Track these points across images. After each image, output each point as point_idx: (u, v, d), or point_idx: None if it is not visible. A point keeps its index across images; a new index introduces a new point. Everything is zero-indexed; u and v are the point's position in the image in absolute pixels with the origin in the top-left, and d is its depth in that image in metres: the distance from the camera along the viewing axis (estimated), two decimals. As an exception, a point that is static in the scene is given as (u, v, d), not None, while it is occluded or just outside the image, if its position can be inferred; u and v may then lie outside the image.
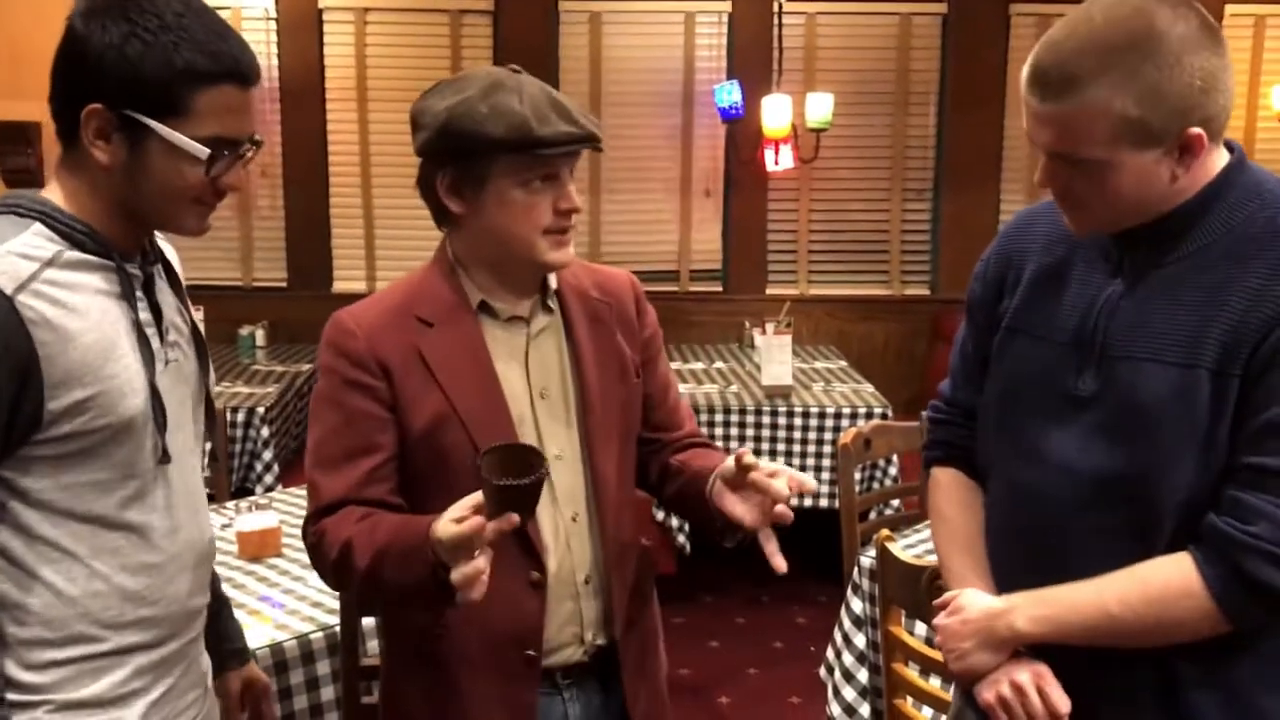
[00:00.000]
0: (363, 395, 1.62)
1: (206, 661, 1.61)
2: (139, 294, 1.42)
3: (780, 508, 1.54)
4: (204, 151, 1.35)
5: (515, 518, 1.39)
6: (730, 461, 1.59)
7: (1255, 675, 1.42)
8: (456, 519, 1.42)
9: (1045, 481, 1.49)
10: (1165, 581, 1.38)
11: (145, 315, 1.42)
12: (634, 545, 1.78)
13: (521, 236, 1.64)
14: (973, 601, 1.53)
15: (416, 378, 1.63)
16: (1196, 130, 1.34)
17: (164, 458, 1.41)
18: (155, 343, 1.42)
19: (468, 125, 1.58)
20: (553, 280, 1.74)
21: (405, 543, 1.50)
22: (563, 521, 1.69)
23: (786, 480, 1.54)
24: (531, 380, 1.70)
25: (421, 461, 1.64)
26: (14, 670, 1.34)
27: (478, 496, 1.42)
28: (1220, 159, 1.42)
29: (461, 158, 1.61)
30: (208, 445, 1.60)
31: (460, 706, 1.67)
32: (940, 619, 1.56)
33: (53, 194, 1.39)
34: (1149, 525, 1.41)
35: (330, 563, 1.60)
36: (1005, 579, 1.56)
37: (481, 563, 1.41)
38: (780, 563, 1.54)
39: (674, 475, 1.78)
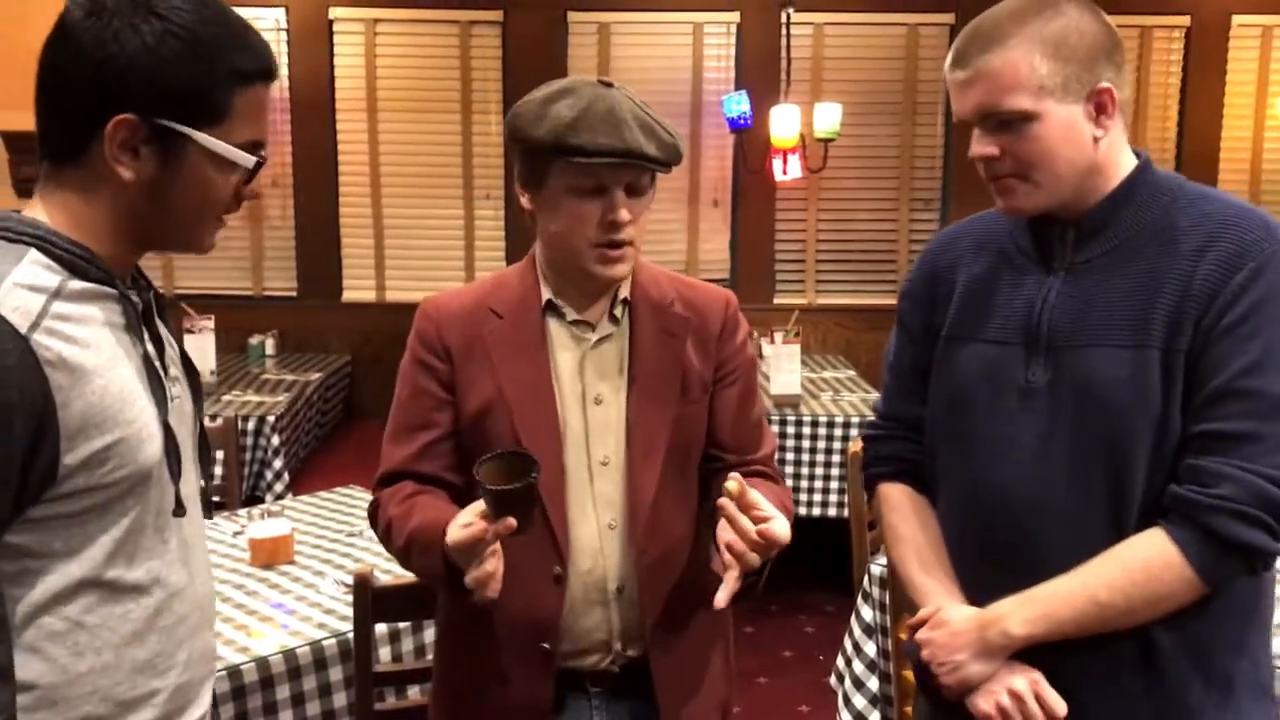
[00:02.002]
0: (427, 375, 1.73)
1: None
2: (141, 324, 1.27)
3: (729, 558, 1.51)
4: (249, 160, 1.24)
5: (513, 522, 1.44)
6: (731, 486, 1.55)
7: (1214, 634, 1.48)
8: (464, 524, 1.49)
9: (1009, 476, 1.52)
10: (1145, 559, 1.42)
11: (151, 348, 1.27)
12: (679, 561, 1.75)
13: (572, 245, 1.67)
14: (957, 613, 1.54)
15: (476, 364, 1.71)
16: (1106, 84, 1.46)
17: (178, 509, 1.27)
18: (162, 378, 1.28)
19: (520, 123, 1.64)
20: (624, 290, 1.75)
21: (428, 536, 1.58)
22: (599, 527, 1.70)
23: (756, 533, 1.50)
24: (586, 386, 1.72)
25: (470, 444, 1.71)
26: None
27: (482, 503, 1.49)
28: (1130, 161, 1.53)
29: (524, 155, 1.67)
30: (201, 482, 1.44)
31: (488, 683, 1.74)
32: (924, 634, 1.56)
33: (38, 214, 1.23)
34: (1117, 505, 1.46)
35: (380, 536, 1.75)
36: (972, 584, 1.58)
37: (490, 565, 1.48)
38: (720, 599, 1.51)
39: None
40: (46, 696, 1.19)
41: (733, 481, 1.51)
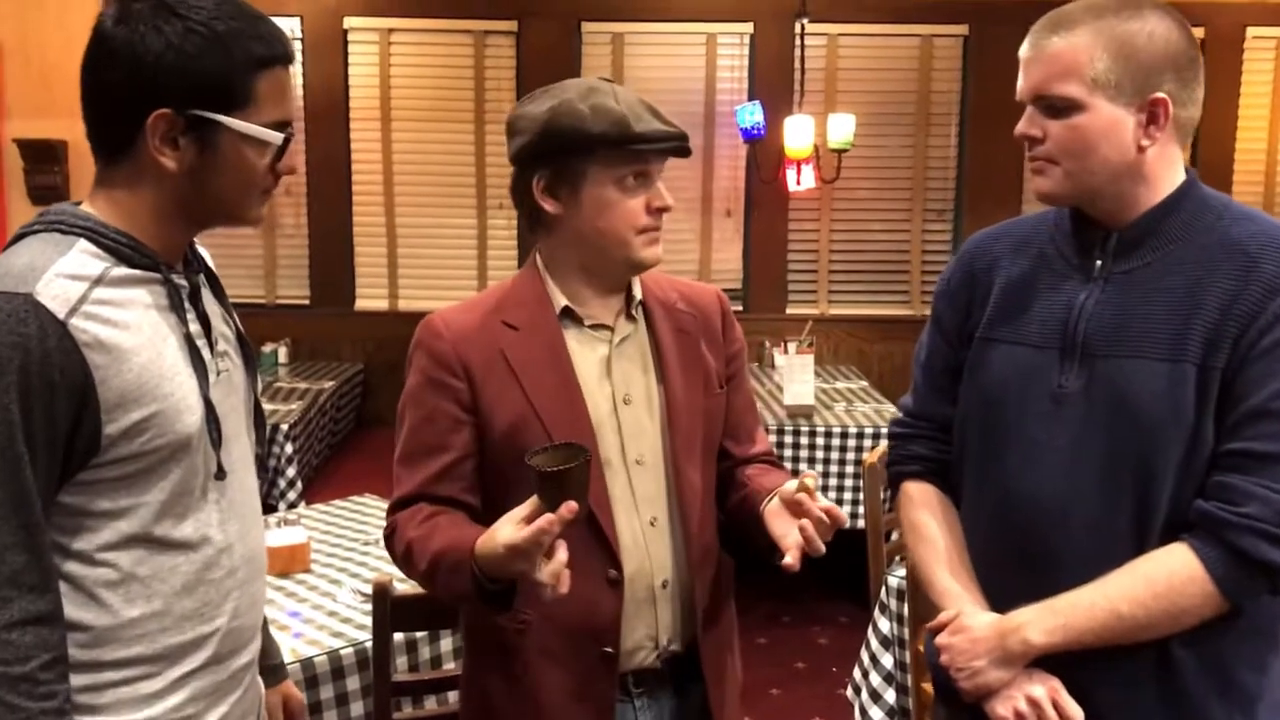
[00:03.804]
0: (443, 395, 1.69)
1: (260, 688, 1.58)
2: (187, 305, 1.38)
3: (812, 540, 1.56)
4: (278, 137, 1.34)
5: (575, 505, 1.42)
6: (793, 483, 1.60)
7: (1236, 652, 1.48)
8: (520, 521, 1.45)
9: (1036, 481, 1.52)
10: (1169, 573, 1.43)
11: (195, 327, 1.38)
12: (715, 552, 1.79)
13: (618, 235, 1.69)
14: (978, 619, 1.54)
15: (499, 379, 1.69)
16: (1162, 95, 1.46)
17: (220, 473, 1.39)
18: (206, 354, 1.38)
19: (570, 123, 1.65)
20: (637, 291, 1.77)
21: (456, 555, 1.56)
22: (641, 525, 1.70)
23: (827, 523, 1.55)
24: (614, 386, 1.72)
25: (502, 460, 1.69)
26: (74, 694, 1.29)
27: (528, 504, 1.46)
28: (1179, 175, 1.53)
29: (560, 157, 1.67)
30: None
31: (541, 700, 1.70)
32: (944, 638, 1.56)
33: (95, 207, 1.34)
34: (1142, 517, 1.46)
35: (398, 559, 1.70)
36: (995, 587, 1.58)
37: (561, 555, 1.46)
38: (789, 561, 1.55)
39: (738, 487, 1.78)
40: (100, 637, 1.32)
41: (810, 479, 1.56)
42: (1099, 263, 1.54)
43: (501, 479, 1.69)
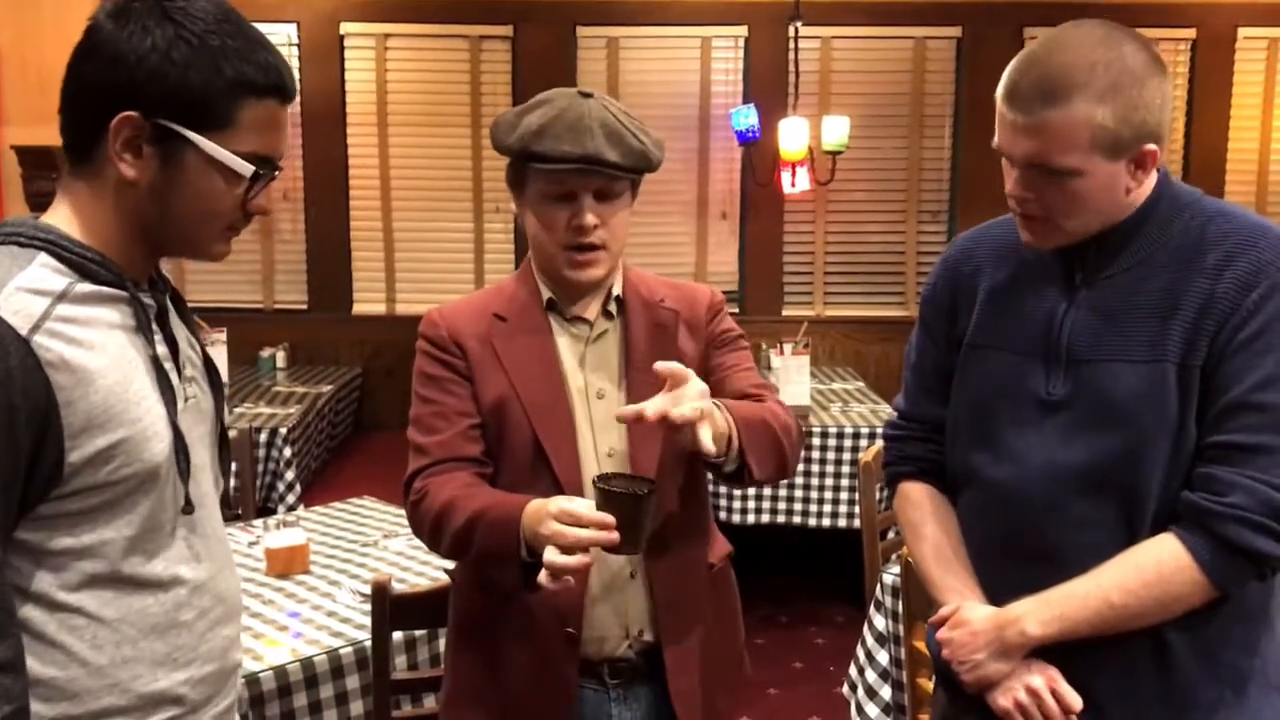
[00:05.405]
0: (451, 369, 1.79)
1: None
2: (154, 326, 1.30)
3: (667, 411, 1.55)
4: (248, 169, 1.25)
5: (618, 536, 1.50)
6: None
7: (1225, 635, 1.52)
8: (577, 505, 1.53)
9: (1028, 482, 1.56)
10: (1158, 563, 1.47)
11: (162, 349, 1.30)
12: (683, 545, 1.81)
13: (545, 248, 1.77)
14: (977, 613, 1.58)
15: (488, 363, 1.77)
16: (1153, 147, 1.47)
17: (187, 506, 1.30)
18: (174, 378, 1.30)
19: (496, 132, 1.76)
20: (617, 288, 1.82)
21: (501, 512, 1.62)
22: None
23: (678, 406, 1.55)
24: (588, 380, 1.79)
25: (485, 439, 1.77)
26: None
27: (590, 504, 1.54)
28: (1153, 177, 1.54)
29: (508, 162, 1.77)
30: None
31: (507, 677, 1.77)
32: (944, 633, 1.60)
33: (57, 219, 1.26)
34: (1132, 513, 1.50)
35: (430, 519, 1.72)
36: (991, 583, 1.61)
37: (585, 559, 1.52)
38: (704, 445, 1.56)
39: None
40: (66, 689, 1.22)
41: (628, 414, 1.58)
42: (1080, 270, 1.56)
43: (490, 455, 1.77)
